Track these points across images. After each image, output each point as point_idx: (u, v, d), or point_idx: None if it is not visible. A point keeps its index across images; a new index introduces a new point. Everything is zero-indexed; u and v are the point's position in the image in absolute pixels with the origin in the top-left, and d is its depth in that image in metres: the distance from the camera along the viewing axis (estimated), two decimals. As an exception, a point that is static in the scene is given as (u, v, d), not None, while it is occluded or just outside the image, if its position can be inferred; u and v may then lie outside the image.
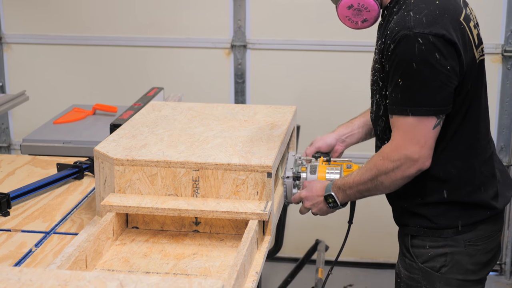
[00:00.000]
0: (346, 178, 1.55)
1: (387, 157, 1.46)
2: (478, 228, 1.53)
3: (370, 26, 1.55)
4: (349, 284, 3.00)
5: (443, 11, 1.43)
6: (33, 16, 3.07)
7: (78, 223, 1.61)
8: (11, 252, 1.46)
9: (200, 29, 2.99)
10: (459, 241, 1.52)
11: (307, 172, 1.66)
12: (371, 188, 1.50)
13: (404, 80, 1.41)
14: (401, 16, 1.44)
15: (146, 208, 1.48)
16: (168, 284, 1.00)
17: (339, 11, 1.53)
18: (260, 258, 1.43)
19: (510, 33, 2.80)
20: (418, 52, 1.38)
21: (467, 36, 1.46)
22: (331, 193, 1.56)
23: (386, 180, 1.47)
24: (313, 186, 1.61)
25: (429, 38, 1.38)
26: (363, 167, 1.52)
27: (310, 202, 1.61)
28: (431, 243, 1.53)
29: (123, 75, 3.10)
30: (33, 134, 2.30)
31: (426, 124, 1.42)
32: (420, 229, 1.54)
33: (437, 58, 1.38)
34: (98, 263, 1.41)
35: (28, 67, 3.13)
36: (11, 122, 3.21)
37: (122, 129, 1.74)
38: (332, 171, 1.65)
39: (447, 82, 1.41)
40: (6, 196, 1.66)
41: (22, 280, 1.02)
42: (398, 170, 1.45)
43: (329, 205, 1.58)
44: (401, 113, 1.43)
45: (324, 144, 1.78)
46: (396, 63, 1.42)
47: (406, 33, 1.39)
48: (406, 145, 1.43)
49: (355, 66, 2.93)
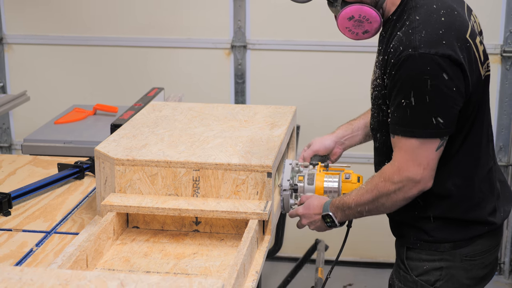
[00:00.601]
0: (345, 197, 1.51)
1: (388, 179, 1.42)
2: (476, 243, 1.50)
3: (371, 37, 1.50)
4: (348, 283, 3.01)
5: (449, 28, 1.37)
6: (34, 17, 3.07)
7: (79, 222, 1.62)
8: (12, 251, 1.47)
9: (200, 29, 2.99)
10: (455, 256, 1.49)
11: (305, 182, 1.62)
12: (371, 209, 1.47)
13: (407, 101, 1.36)
14: (405, 33, 1.38)
15: (146, 208, 1.49)
16: (169, 284, 1.00)
17: (339, 22, 1.48)
18: (260, 258, 1.44)
19: (509, 34, 2.81)
20: (423, 73, 1.33)
21: (473, 54, 1.41)
22: (329, 213, 1.52)
23: (387, 202, 1.44)
24: (311, 203, 1.57)
25: (435, 58, 1.33)
26: (363, 187, 1.48)
27: (307, 220, 1.58)
28: (427, 256, 1.50)
29: (123, 76, 3.10)
30: (34, 134, 2.31)
31: (430, 146, 1.38)
32: (417, 241, 1.51)
33: (443, 80, 1.34)
34: (98, 262, 1.41)
35: (29, 68, 3.13)
36: (12, 122, 3.22)
37: (123, 129, 1.74)
38: (330, 179, 1.62)
39: (453, 104, 1.37)
40: (7, 195, 1.66)
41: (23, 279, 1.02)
42: (399, 191, 1.41)
43: (327, 224, 1.54)
44: (403, 134, 1.39)
45: (322, 147, 1.74)
46: (400, 83, 1.37)
47: (411, 53, 1.34)
48: (408, 166, 1.39)
49: (354, 67, 2.93)
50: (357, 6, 1.45)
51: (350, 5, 1.46)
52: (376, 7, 1.46)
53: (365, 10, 1.45)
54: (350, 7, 1.45)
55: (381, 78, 1.46)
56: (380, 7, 1.47)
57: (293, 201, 1.62)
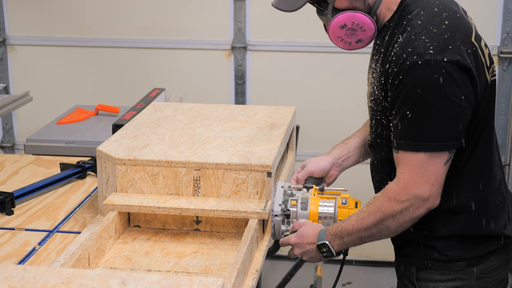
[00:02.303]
0: (344, 223, 1.38)
1: (394, 198, 1.31)
2: (490, 259, 1.41)
3: (364, 47, 1.40)
4: (347, 281, 3.01)
5: (454, 32, 1.27)
6: (36, 18, 3.09)
7: (81, 222, 1.62)
8: (15, 250, 1.48)
9: (201, 31, 3.01)
10: (470, 274, 1.39)
11: (298, 207, 1.48)
12: (374, 234, 1.35)
13: (413, 113, 1.26)
14: (408, 39, 1.27)
15: (147, 207, 1.49)
16: (170, 282, 1.00)
17: (331, 31, 1.37)
18: (260, 256, 1.44)
19: (506, 35, 2.82)
20: (430, 81, 1.23)
21: (480, 59, 1.32)
22: (325, 242, 1.39)
23: (393, 224, 1.33)
24: (304, 232, 1.43)
25: (442, 65, 1.23)
26: (364, 210, 1.36)
27: (300, 250, 1.44)
28: (440, 276, 1.39)
29: (125, 76, 3.12)
30: (36, 134, 2.31)
31: (438, 160, 1.27)
32: (428, 261, 1.40)
33: (452, 88, 1.24)
34: (100, 261, 1.42)
35: (32, 68, 3.15)
36: (15, 123, 3.23)
37: (124, 129, 1.75)
38: (326, 204, 1.49)
39: (462, 113, 1.27)
40: (10, 195, 1.67)
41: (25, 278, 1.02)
42: (406, 212, 1.30)
43: (323, 254, 1.41)
44: (409, 149, 1.28)
45: (317, 169, 1.61)
46: (405, 93, 1.26)
47: (416, 60, 1.24)
48: (415, 183, 1.28)
49: (353, 68, 2.94)
50: (350, 13, 1.35)
51: (341, 12, 1.36)
52: (370, 14, 1.36)
53: (358, 17, 1.34)
54: (342, 15, 1.35)
55: (379, 90, 1.35)
56: (374, 13, 1.37)
57: (284, 228, 1.48)
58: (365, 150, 1.63)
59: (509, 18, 2.80)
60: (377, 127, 1.42)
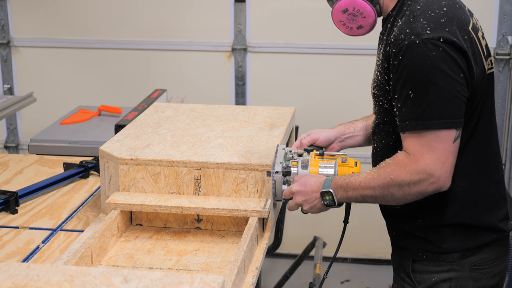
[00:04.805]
0: (352, 177, 1.38)
1: (404, 167, 1.29)
2: (483, 251, 1.41)
3: (365, 34, 1.44)
4: (346, 279, 3.02)
5: (451, 18, 1.30)
6: (40, 20, 3.10)
7: (84, 220, 1.63)
8: (19, 248, 1.48)
9: (202, 33, 3.02)
10: (464, 265, 1.40)
11: (298, 167, 1.49)
12: (378, 196, 1.34)
13: (415, 92, 1.26)
14: (406, 22, 1.31)
15: (149, 206, 1.50)
16: (171, 280, 1.01)
17: (334, 14, 1.43)
18: (260, 254, 1.44)
19: (502, 37, 2.83)
20: (428, 59, 1.24)
21: (476, 46, 1.33)
22: (330, 190, 1.39)
23: (398, 193, 1.31)
24: (307, 180, 1.44)
25: (439, 44, 1.25)
26: (375, 171, 1.35)
27: (303, 197, 1.43)
28: (434, 267, 1.41)
29: (127, 78, 3.13)
30: (40, 134, 2.32)
31: (446, 138, 1.26)
32: (423, 253, 1.41)
33: (450, 65, 1.25)
34: (103, 259, 1.43)
35: (36, 70, 3.16)
36: (19, 123, 3.25)
37: (127, 129, 1.76)
38: (326, 165, 1.49)
39: (461, 90, 1.27)
40: (14, 194, 1.68)
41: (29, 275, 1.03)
42: (414, 185, 1.29)
43: (325, 202, 1.40)
44: (415, 128, 1.27)
45: (321, 137, 1.63)
46: (405, 74, 1.27)
47: (414, 39, 1.26)
48: (425, 159, 1.27)
49: (352, 69, 2.96)
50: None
51: None
52: (372, 2, 1.41)
53: (359, 3, 1.39)
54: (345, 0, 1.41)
55: (382, 74, 1.37)
56: (376, 2, 1.41)
57: (285, 187, 1.49)
58: (368, 134, 1.64)
59: (505, 20, 2.81)
60: (380, 113, 1.43)
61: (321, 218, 2.92)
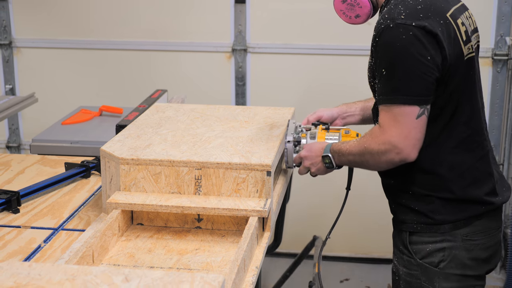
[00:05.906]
0: (343, 145, 1.56)
1: (374, 137, 1.46)
2: (474, 224, 1.51)
3: (363, 22, 1.59)
4: (345, 278, 3.02)
5: (428, 6, 1.44)
6: (42, 21, 3.11)
7: (85, 220, 1.64)
8: (21, 247, 1.49)
9: (202, 34, 3.03)
10: (456, 236, 1.51)
11: (307, 138, 1.68)
12: (358, 161, 1.52)
13: (387, 71, 1.43)
14: (388, 9, 1.47)
15: (150, 205, 1.51)
16: (172, 278, 1.02)
17: (335, 3, 1.58)
18: (260, 254, 1.45)
19: (500, 38, 2.83)
20: (398, 41, 1.40)
21: (453, 31, 1.46)
22: (329, 154, 1.57)
23: (371, 160, 1.48)
24: (313, 146, 1.63)
25: (410, 28, 1.40)
26: (357, 139, 1.54)
27: (309, 161, 1.62)
28: (429, 238, 1.52)
29: (128, 78, 3.14)
30: (42, 134, 2.32)
31: (409, 113, 1.41)
32: (418, 225, 1.53)
33: (417, 48, 1.39)
34: (104, 258, 1.44)
35: (37, 70, 3.17)
36: (21, 123, 3.25)
37: (128, 129, 1.77)
38: (331, 136, 1.67)
39: (427, 72, 1.41)
40: (16, 194, 1.68)
41: (31, 274, 1.04)
42: (382, 155, 1.45)
43: (326, 165, 1.58)
44: (385, 102, 1.44)
45: (326, 114, 1.79)
46: (380, 54, 1.44)
47: (389, 23, 1.42)
48: (391, 131, 1.43)
49: (351, 69, 2.96)
50: None
51: None
52: None
53: None
54: None
55: (371, 57, 1.52)
56: None
57: (296, 155, 1.67)
58: (364, 115, 1.81)
59: (503, 21, 2.82)
60: (374, 94, 1.55)
61: (321, 217, 2.93)
